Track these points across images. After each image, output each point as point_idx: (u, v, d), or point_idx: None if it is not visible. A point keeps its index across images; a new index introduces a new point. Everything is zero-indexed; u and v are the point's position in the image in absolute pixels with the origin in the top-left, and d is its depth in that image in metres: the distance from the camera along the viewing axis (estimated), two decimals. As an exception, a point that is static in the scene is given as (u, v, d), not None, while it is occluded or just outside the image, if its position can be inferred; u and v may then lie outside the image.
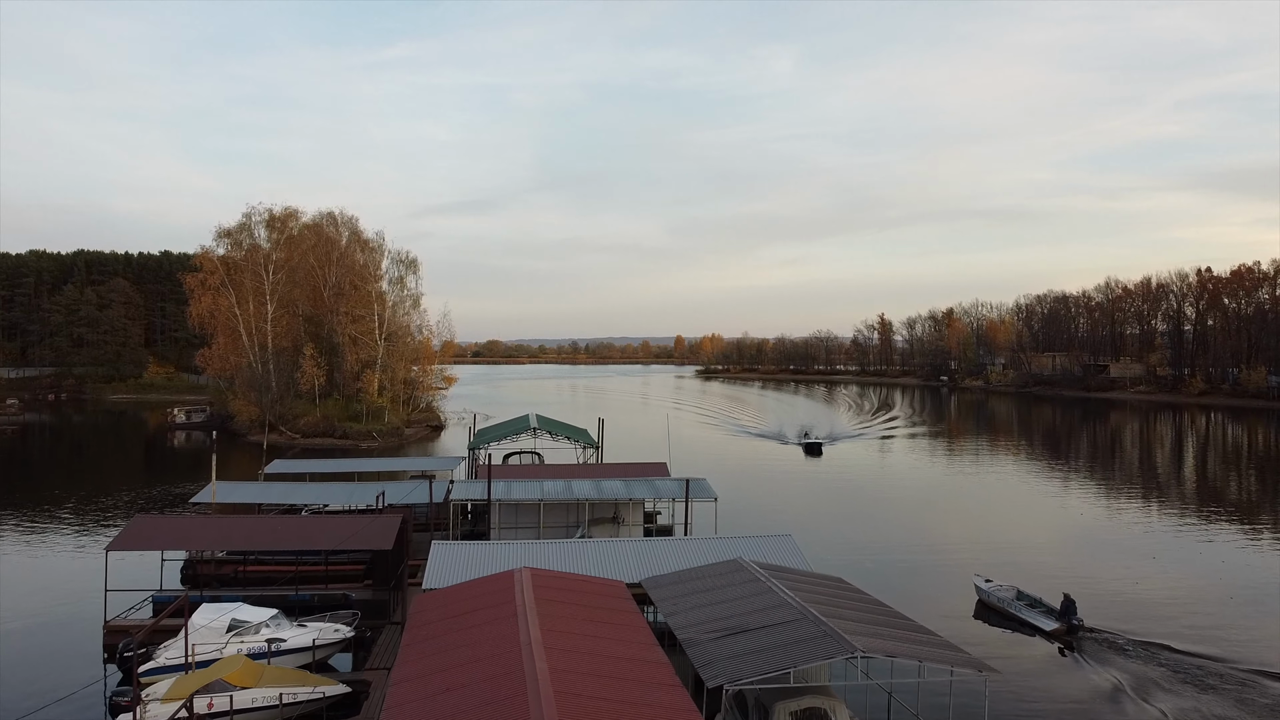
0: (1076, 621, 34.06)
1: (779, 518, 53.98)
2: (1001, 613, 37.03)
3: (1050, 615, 35.34)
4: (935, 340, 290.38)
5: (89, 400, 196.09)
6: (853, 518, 58.44)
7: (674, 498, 42.49)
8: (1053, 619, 34.82)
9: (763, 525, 49.56)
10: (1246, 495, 72.44)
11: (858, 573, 38.59)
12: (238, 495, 48.13)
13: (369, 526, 35.62)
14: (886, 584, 39.52)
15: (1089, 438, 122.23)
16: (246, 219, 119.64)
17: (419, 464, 59.19)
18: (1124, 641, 33.14)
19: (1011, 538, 53.11)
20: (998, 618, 36.77)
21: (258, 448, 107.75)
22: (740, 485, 69.68)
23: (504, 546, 29.80)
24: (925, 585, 41.42)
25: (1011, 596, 37.90)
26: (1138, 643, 33.00)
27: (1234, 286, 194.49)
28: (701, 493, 42.60)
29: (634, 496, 42.03)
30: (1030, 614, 35.95)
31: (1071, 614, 34.22)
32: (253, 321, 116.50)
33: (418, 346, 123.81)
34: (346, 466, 59.09)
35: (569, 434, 62.14)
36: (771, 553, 30.60)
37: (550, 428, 62.62)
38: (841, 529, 54.07)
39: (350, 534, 35.14)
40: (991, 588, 38.66)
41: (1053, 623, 34.49)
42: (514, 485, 42.47)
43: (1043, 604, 36.58)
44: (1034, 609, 36.50)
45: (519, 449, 65.46)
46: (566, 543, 30.66)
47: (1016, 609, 36.66)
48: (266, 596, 35.63)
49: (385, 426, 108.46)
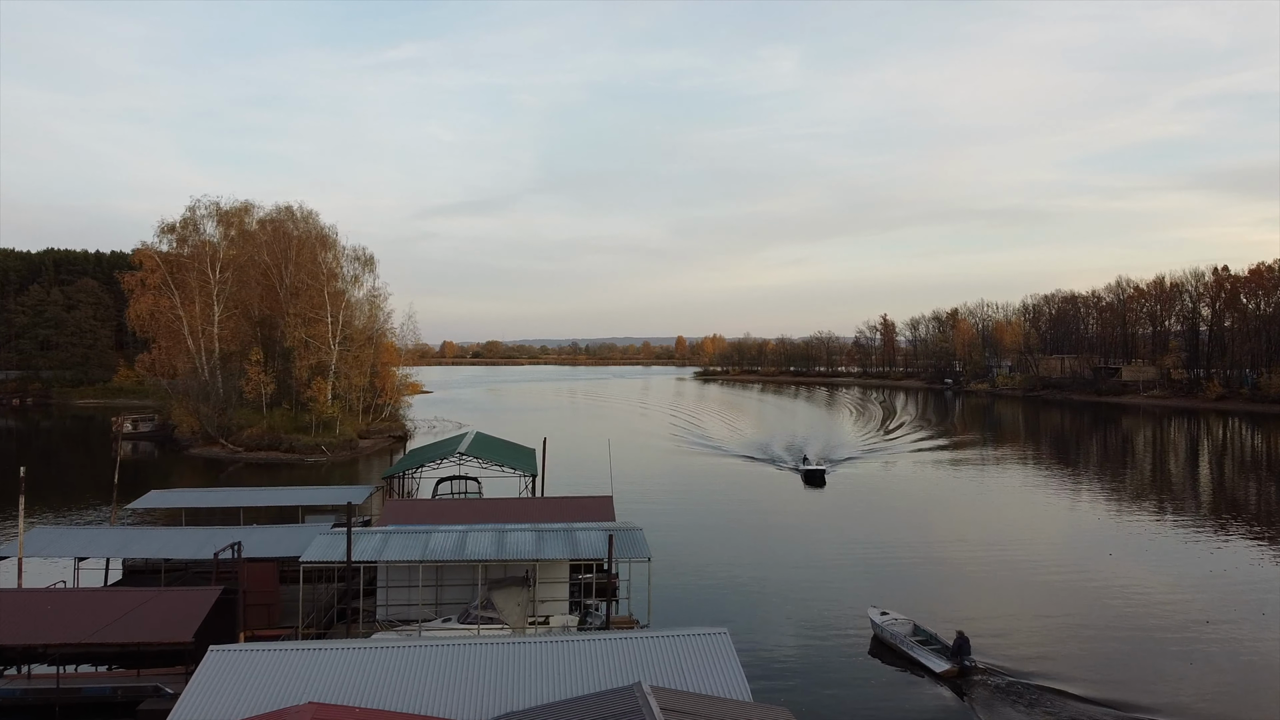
0: (969, 663, 31.01)
1: (740, 593, 43.01)
2: (894, 650, 33.72)
3: (943, 654, 31.98)
4: (940, 342, 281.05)
5: (55, 405, 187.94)
6: (850, 586, 43.15)
7: (596, 556, 33.20)
8: (944, 659, 31.55)
9: (715, 599, 41.18)
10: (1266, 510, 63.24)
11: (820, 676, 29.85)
12: (69, 546, 38.38)
13: (170, 605, 26.72)
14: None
15: (1105, 446, 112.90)
16: (191, 213, 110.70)
17: (325, 495, 50.01)
18: (1021, 686, 30.11)
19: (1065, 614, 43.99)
20: (892, 656, 33.46)
21: (201, 461, 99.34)
22: (706, 529, 57.17)
23: (300, 657, 20.75)
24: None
25: (906, 632, 34.49)
26: (1035, 688, 29.92)
27: (1253, 286, 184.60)
28: (631, 549, 33.42)
29: (543, 555, 32.80)
30: (922, 652, 32.54)
31: (964, 654, 31.17)
32: (199, 324, 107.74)
33: (378, 351, 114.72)
34: (238, 499, 49.58)
35: (505, 459, 53.06)
36: (696, 659, 21.55)
37: (484, 452, 53.48)
38: (831, 603, 40.46)
39: (139, 618, 26.23)
40: (886, 621, 35.33)
41: (944, 663, 31.27)
42: (393, 539, 33.34)
43: (937, 640, 33.32)
44: (926, 646, 33.01)
45: (457, 475, 56.49)
46: (399, 648, 21.61)
47: (909, 646, 33.21)
48: (47, 689, 26.86)
49: (336, 439, 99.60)
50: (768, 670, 31.62)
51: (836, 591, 43.15)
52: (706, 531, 57.36)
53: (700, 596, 41.98)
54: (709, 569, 47.08)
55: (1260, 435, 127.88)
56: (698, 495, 72.42)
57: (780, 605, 40.52)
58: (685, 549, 51.09)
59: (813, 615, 39.14)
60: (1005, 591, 43.59)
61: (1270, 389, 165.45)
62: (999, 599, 42.11)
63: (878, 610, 36.87)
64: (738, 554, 50.73)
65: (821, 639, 35.79)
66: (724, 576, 45.83)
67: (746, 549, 52.10)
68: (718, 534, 56.48)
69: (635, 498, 65.82)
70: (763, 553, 51.13)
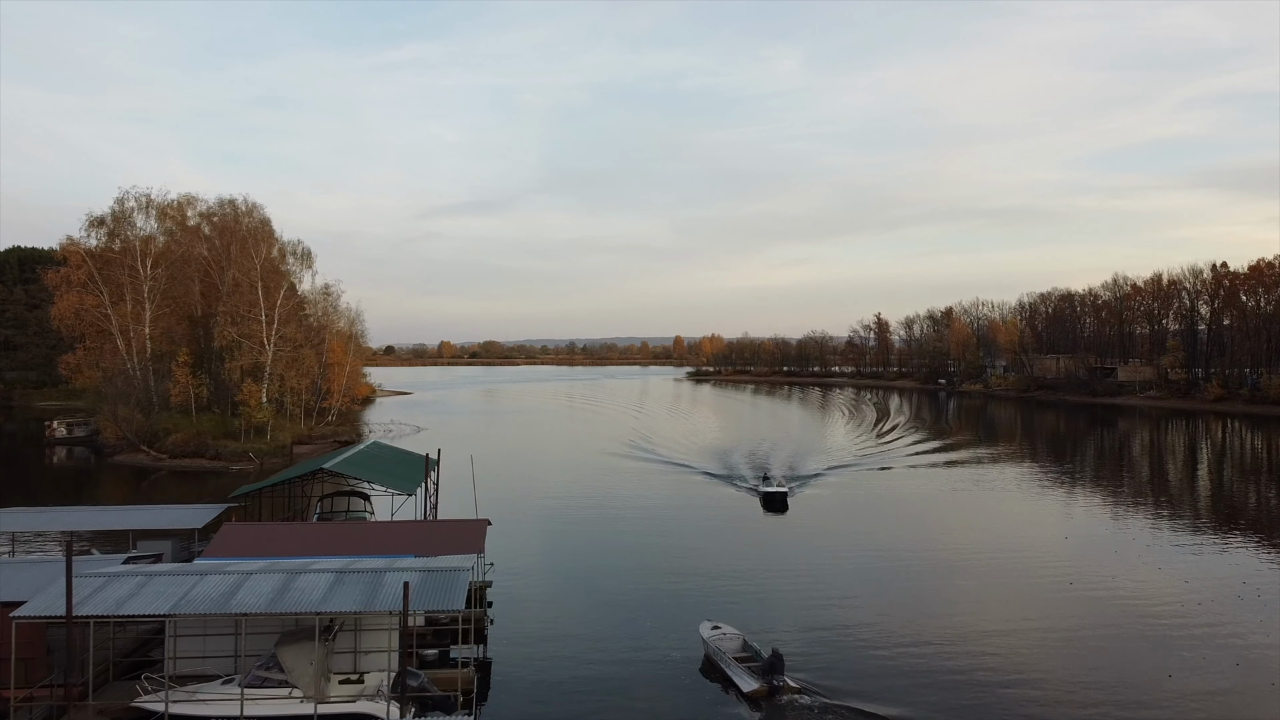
0: (778, 682, 29.16)
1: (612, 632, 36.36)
2: (716, 667, 31.84)
3: (756, 673, 29.91)
4: (934, 341, 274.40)
5: (17, 407, 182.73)
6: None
7: (391, 607, 26.37)
8: (756, 678, 29.60)
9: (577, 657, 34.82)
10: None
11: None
12: None
13: None
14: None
15: (1101, 451, 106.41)
16: (119, 205, 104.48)
17: (167, 517, 43.60)
18: (834, 707, 28.15)
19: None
20: (716, 674, 31.42)
21: (128, 469, 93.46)
22: (612, 567, 46.68)
23: None
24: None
25: (733, 648, 32.46)
26: (847, 709, 28.03)
27: (1253, 283, 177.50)
28: (437, 598, 26.45)
29: (324, 608, 26.02)
30: (736, 670, 30.57)
31: (776, 672, 29.37)
32: (130, 324, 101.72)
33: (323, 351, 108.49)
34: (63, 521, 42.32)
35: (385, 475, 46.46)
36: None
37: (360, 467, 46.80)
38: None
39: None
40: (714, 636, 33.14)
41: (754, 682, 29.41)
42: (150, 584, 26.86)
43: (760, 657, 30.98)
44: (742, 664, 30.84)
45: (348, 491, 49.92)
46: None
47: (726, 663, 31.29)
48: None
49: (269, 445, 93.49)
50: (587, 689, 29.99)
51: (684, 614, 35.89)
52: (606, 575, 46.98)
53: (567, 654, 35.09)
54: (582, 620, 39.10)
55: (1260, 438, 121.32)
56: (624, 520, 61.19)
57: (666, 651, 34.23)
58: (574, 595, 42.90)
59: (644, 632, 36.39)
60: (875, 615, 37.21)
61: (1271, 390, 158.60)
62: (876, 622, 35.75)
63: (709, 624, 34.66)
64: (642, 602, 41.56)
65: (657, 657, 33.60)
66: (600, 632, 37.62)
67: (656, 597, 42.60)
68: (626, 579, 45.95)
69: (543, 522, 59.57)
70: (672, 604, 40.78)
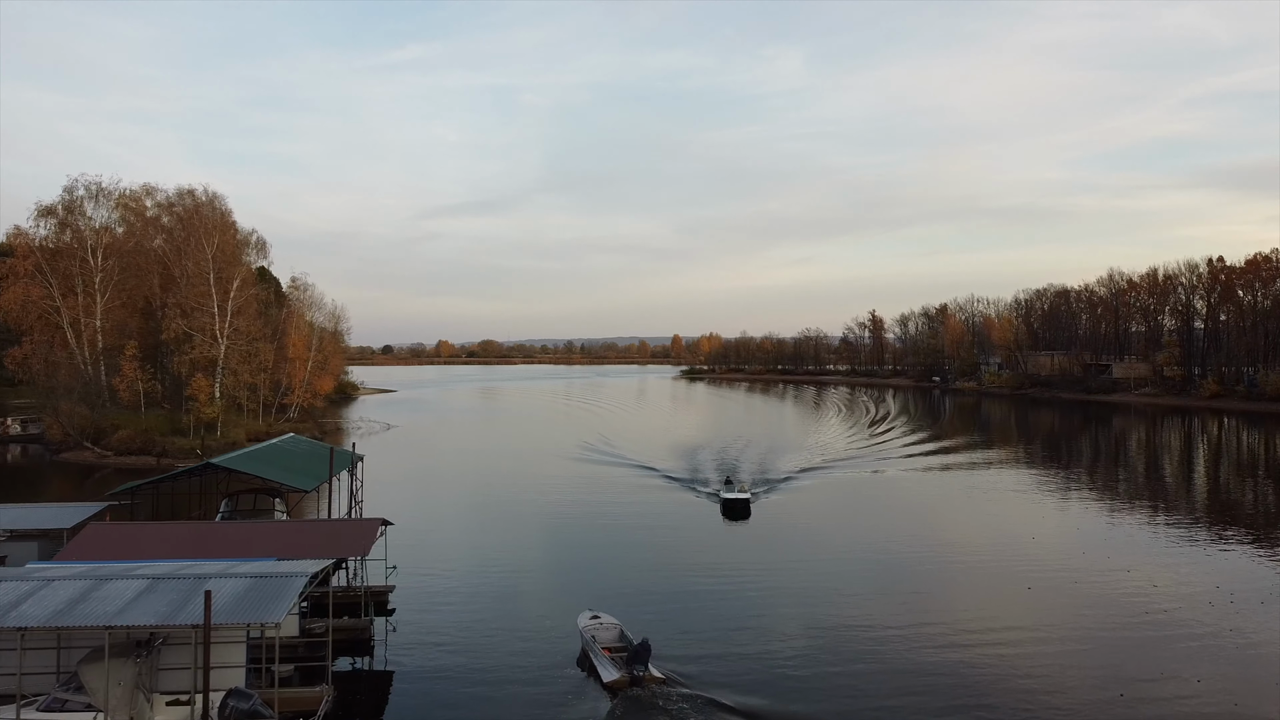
0: (639, 672, 27.72)
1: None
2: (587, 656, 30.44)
3: (619, 664, 28.78)
4: (929, 339, 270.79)
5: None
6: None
7: (193, 622, 22.57)
8: (618, 668, 28.43)
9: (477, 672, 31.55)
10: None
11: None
12: None
13: None
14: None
15: (1097, 449, 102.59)
16: (69, 194, 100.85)
17: (38, 516, 39.99)
18: (694, 698, 26.71)
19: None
20: (588, 663, 29.97)
21: (75, 468, 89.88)
22: (547, 585, 41.10)
23: None
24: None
25: (611, 637, 31.48)
26: (708, 700, 26.53)
27: (1249, 277, 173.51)
28: (253, 610, 22.80)
29: (117, 622, 22.20)
30: (601, 660, 29.23)
31: (639, 662, 28.04)
32: (80, 316, 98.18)
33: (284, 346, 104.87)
34: None
35: (276, 472, 42.59)
36: None
37: (247, 464, 42.97)
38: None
39: None
40: (590, 625, 31.93)
41: (615, 672, 28.18)
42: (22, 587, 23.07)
43: (632, 648, 29.43)
44: (610, 654, 29.68)
45: (258, 489, 45.92)
46: None
47: (594, 653, 29.87)
48: None
49: (218, 441, 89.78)
50: (460, 689, 28.30)
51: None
52: (521, 578, 45.13)
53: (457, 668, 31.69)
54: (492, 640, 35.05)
55: (1257, 435, 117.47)
56: (565, 527, 55.71)
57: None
58: (482, 600, 39.11)
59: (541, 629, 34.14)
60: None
61: (1268, 387, 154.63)
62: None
63: (589, 614, 33.20)
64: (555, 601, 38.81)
65: (540, 650, 31.98)
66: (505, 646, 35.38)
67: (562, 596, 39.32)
68: (540, 581, 43.23)
69: (466, 528, 55.81)
70: (575, 599, 37.02)
